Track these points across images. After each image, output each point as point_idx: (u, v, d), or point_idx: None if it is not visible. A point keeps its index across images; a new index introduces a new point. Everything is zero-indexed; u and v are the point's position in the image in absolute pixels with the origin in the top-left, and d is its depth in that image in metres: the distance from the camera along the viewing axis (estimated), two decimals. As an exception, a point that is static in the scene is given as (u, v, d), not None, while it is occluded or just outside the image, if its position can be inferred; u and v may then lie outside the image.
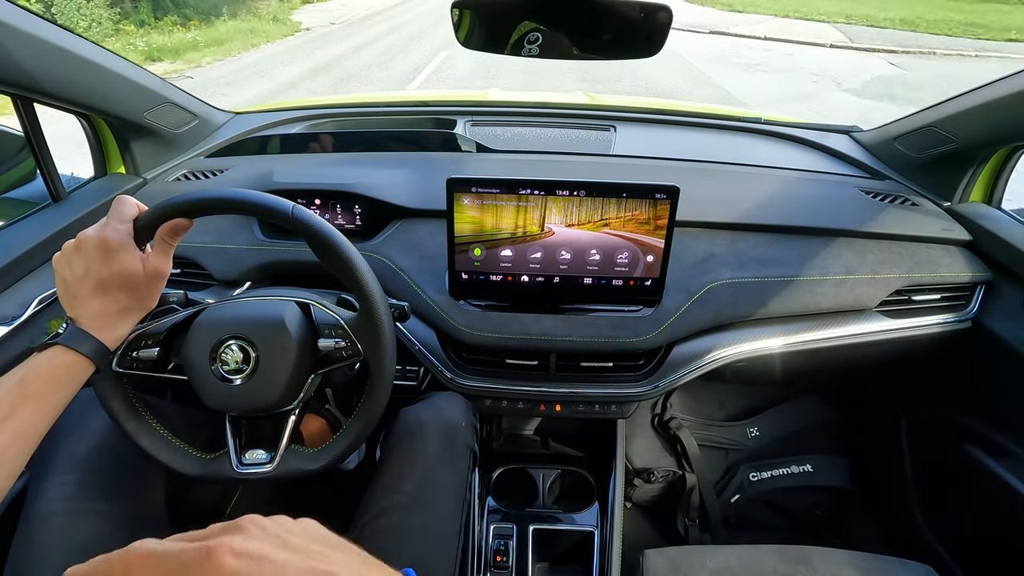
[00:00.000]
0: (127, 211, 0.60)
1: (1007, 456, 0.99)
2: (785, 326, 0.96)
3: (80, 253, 0.57)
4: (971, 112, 0.99)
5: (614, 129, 1.33)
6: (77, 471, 0.73)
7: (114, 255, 0.57)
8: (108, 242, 0.57)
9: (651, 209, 0.85)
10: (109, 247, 0.57)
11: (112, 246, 0.57)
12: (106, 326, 0.59)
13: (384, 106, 1.48)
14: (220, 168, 1.15)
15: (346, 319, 0.71)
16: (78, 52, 0.88)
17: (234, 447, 0.71)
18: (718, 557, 0.84)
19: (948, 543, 1.13)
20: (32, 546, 0.67)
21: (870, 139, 1.29)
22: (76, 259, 0.57)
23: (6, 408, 0.51)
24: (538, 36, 0.66)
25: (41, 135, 0.94)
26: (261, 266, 0.98)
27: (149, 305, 0.64)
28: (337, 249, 0.66)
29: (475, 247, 0.89)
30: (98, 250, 0.57)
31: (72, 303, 0.58)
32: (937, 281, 0.99)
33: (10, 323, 0.82)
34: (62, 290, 0.58)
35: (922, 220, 1.05)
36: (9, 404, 0.52)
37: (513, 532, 1.00)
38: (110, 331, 0.60)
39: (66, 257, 0.58)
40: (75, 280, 0.57)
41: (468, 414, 0.92)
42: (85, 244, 0.57)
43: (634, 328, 0.91)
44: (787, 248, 1.00)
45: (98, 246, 0.57)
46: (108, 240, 0.57)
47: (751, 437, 1.48)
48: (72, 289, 0.57)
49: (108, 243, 0.57)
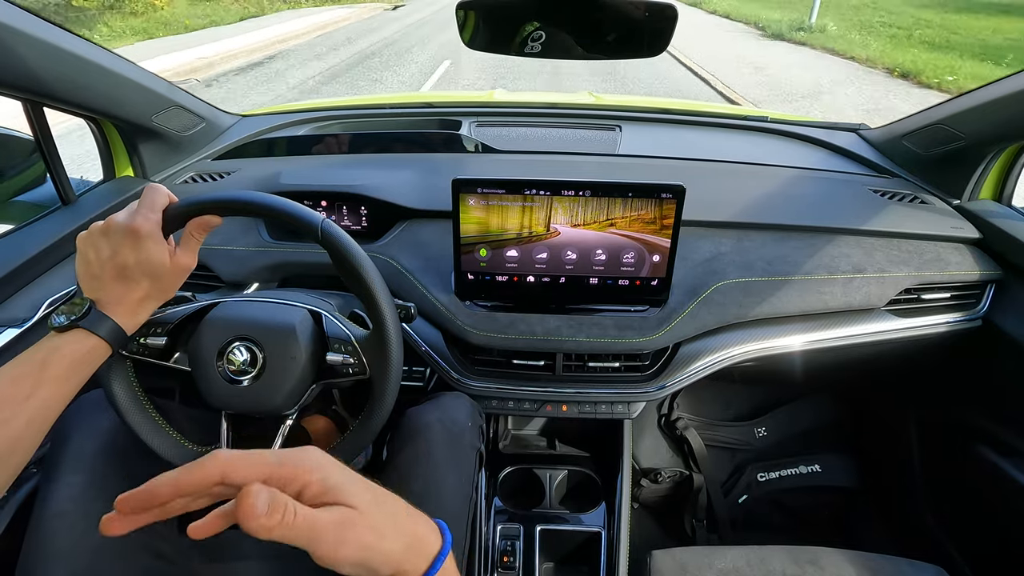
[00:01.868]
0: (159, 200, 0.60)
1: (1018, 455, 0.98)
2: (793, 326, 0.96)
3: (108, 237, 0.57)
4: (980, 109, 0.98)
5: (620, 129, 1.33)
6: (86, 471, 0.73)
7: (142, 243, 0.57)
8: (138, 229, 0.57)
9: (657, 209, 0.84)
10: (138, 234, 0.57)
11: (141, 234, 0.57)
12: (127, 312, 0.59)
13: (389, 107, 1.48)
14: (227, 171, 1.16)
15: (357, 337, 0.71)
16: (87, 56, 0.89)
17: (226, 444, 0.71)
18: (726, 558, 0.84)
19: (959, 544, 1.12)
20: (43, 546, 0.68)
21: (878, 137, 1.28)
22: (103, 242, 0.57)
23: (28, 388, 0.51)
24: (542, 36, 0.66)
25: (51, 139, 0.95)
26: (268, 267, 0.99)
27: (168, 295, 0.64)
28: (358, 268, 0.66)
29: (481, 248, 0.89)
30: (126, 236, 0.57)
31: (93, 284, 0.58)
32: (947, 279, 0.98)
33: (21, 325, 0.83)
34: (83, 270, 0.58)
35: (931, 218, 1.04)
36: (31, 384, 0.52)
37: (520, 533, 1.00)
38: (130, 317, 0.60)
39: (92, 239, 0.58)
40: (99, 262, 0.57)
41: (474, 415, 0.92)
42: (114, 228, 0.57)
43: (640, 328, 0.91)
44: (794, 247, 0.99)
45: (127, 232, 0.57)
46: (138, 227, 0.57)
47: (759, 437, 1.47)
48: (94, 270, 0.57)
49: (137, 230, 0.57)
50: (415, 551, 0.36)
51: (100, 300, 0.58)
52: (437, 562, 0.36)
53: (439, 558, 0.36)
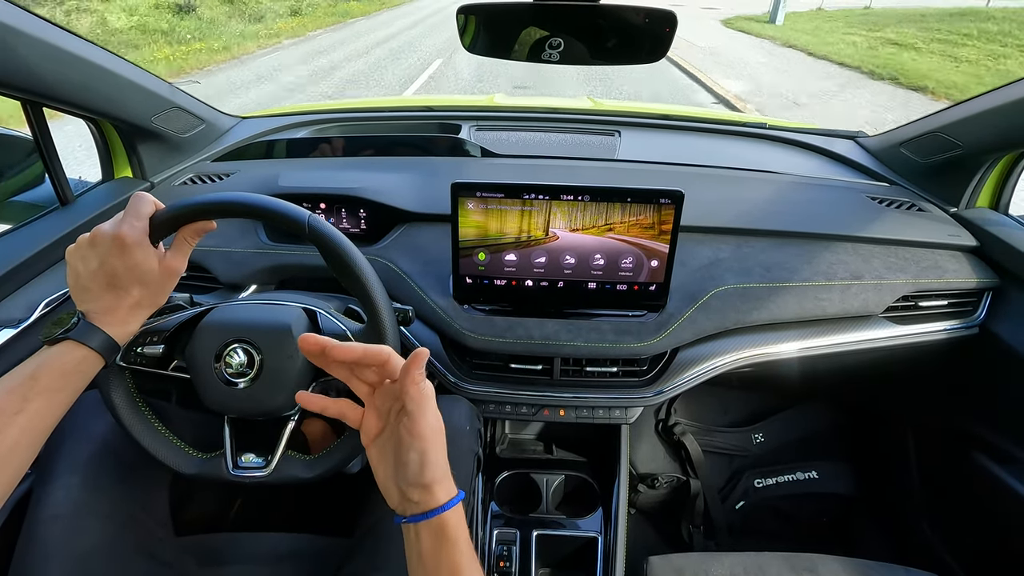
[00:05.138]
0: (144, 208, 0.60)
1: (1015, 463, 0.98)
2: (790, 332, 0.96)
3: (95, 247, 0.57)
4: (977, 117, 0.99)
5: (619, 134, 1.33)
6: (81, 474, 0.73)
7: (129, 251, 0.57)
8: (123, 238, 0.57)
9: (656, 214, 0.85)
10: (124, 243, 0.57)
11: (127, 242, 0.57)
12: (117, 321, 0.59)
13: (389, 110, 1.49)
14: (226, 172, 1.16)
15: (353, 331, 0.71)
16: (87, 57, 0.89)
17: (230, 449, 0.71)
18: (723, 564, 0.84)
19: (955, 551, 1.12)
20: (37, 548, 0.67)
21: (876, 144, 1.29)
22: (90, 253, 0.57)
23: (18, 402, 0.51)
24: (544, 42, 0.66)
25: (50, 139, 0.95)
26: (266, 270, 0.99)
27: (160, 302, 0.64)
28: (349, 262, 0.66)
29: (479, 251, 0.89)
30: (113, 245, 0.57)
31: (84, 296, 0.58)
32: (944, 287, 0.99)
33: (17, 326, 0.83)
34: (73, 282, 0.58)
35: (928, 226, 1.05)
36: (21, 397, 0.52)
37: (516, 538, 0.99)
38: (121, 327, 0.59)
39: (80, 251, 0.58)
40: (88, 273, 0.57)
41: (472, 418, 0.91)
42: (100, 238, 0.57)
43: (638, 333, 0.91)
44: (792, 253, 0.99)
45: (113, 241, 0.57)
46: (123, 236, 0.57)
47: (756, 443, 1.47)
48: (84, 282, 0.57)
49: (123, 239, 0.57)
50: (444, 484, 0.48)
51: (90, 311, 0.58)
52: (455, 499, 0.47)
53: (456, 498, 0.48)
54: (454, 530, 0.46)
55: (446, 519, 0.46)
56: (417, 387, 0.47)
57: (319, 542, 0.83)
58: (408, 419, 0.47)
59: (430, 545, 0.46)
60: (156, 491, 0.82)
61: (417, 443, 0.46)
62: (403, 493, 0.48)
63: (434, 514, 0.46)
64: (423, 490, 0.46)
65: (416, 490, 0.47)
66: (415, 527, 0.47)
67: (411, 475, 0.47)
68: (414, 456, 0.46)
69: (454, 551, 0.46)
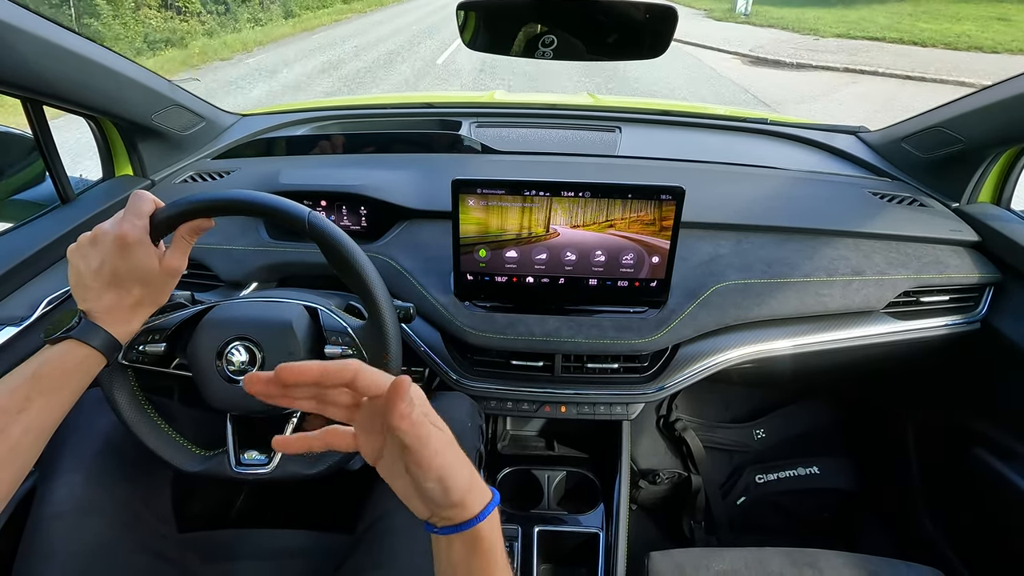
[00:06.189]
0: (144, 207, 0.60)
1: (1016, 459, 0.98)
2: (791, 328, 0.96)
3: (96, 246, 0.58)
4: (979, 112, 0.99)
5: (619, 130, 1.33)
6: (84, 471, 0.73)
7: (130, 250, 0.57)
8: (124, 237, 0.57)
9: (656, 210, 0.85)
10: (125, 242, 0.57)
11: (128, 241, 0.57)
12: (118, 320, 0.59)
13: (390, 107, 1.48)
14: (227, 170, 1.16)
15: (354, 327, 0.71)
16: (87, 55, 0.89)
17: (233, 446, 0.71)
18: (724, 559, 0.84)
19: (956, 546, 1.12)
20: (41, 545, 0.67)
21: (877, 139, 1.28)
22: (92, 252, 0.58)
23: (20, 401, 0.51)
24: (544, 39, 0.66)
25: (50, 137, 0.95)
26: (267, 267, 0.99)
27: (161, 300, 0.64)
28: (350, 259, 0.66)
29: (480, 248, 0.89)
30: (114, 244, 0.57)
31: (85, 295, 0.58)
32: (945, 282, 0.98)
33: (19, 324, 0.83)
34: (75, 281, 0.58)
35: (930, 221, 1.04)
36: (23, 397, 0.52)
37: (518, 534, 1.00)
38: (122, 325, 0.60)
39: (81, 249, 0.58)
40: (89, 272, 0.57)
41: (474, 415, 0.92)
42: (101, 237, 0.57)
43: (639, 329, 0.91)
44: (793, 249, 0.99)
45: (114, 240, 0.57)
46: (124, 235, 0.57)
47: (757, 439, 1.47)
48: (85, 280, 0.58)
49: (124, 238, 0.57)
50: (474, 492, 0.44)
51: (91, 310, 0.58)
52: (489, 507, 0.44)
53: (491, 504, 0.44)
54: (488, 539, 0.43)
55: (480, 528, 0.43)
56: (408, 421, 0.40)
57: (321, 538, 0.84)
58: (409, 453, 0.42)
59: (463, 555, 0.43)
60: (159, 488, 0.82)
61: (431, 473, 0.42)
62: (432, 512, 0.44)
63: (468, 526, 0.43)
64: (454, 508, 0.43)
65: (447, 510, 0.43)
66: (447, 537, 0.44)
67: (437, 501, 0.43)
68: (432, 485, 0.42)
69: (487, 562, 0.43)
